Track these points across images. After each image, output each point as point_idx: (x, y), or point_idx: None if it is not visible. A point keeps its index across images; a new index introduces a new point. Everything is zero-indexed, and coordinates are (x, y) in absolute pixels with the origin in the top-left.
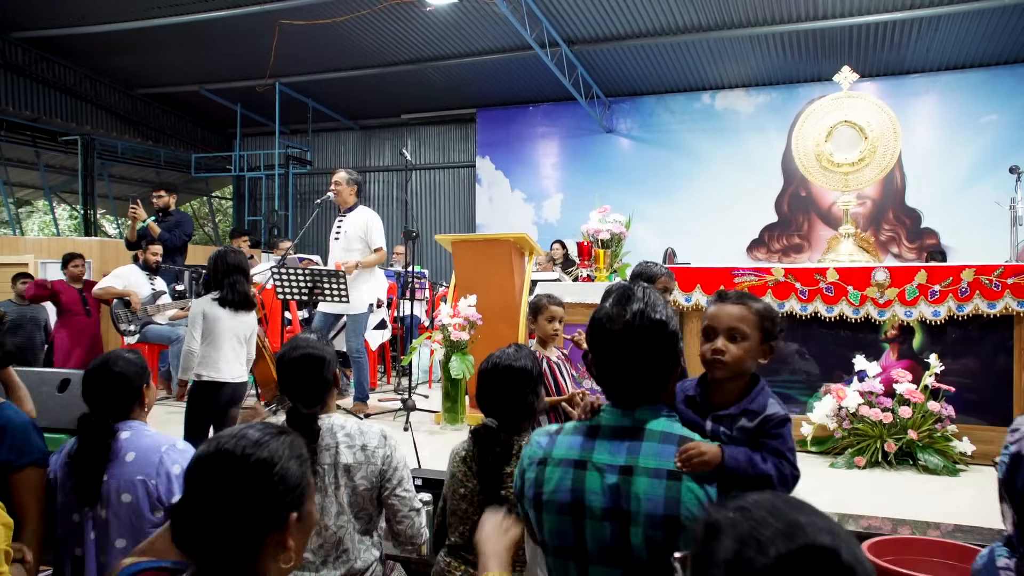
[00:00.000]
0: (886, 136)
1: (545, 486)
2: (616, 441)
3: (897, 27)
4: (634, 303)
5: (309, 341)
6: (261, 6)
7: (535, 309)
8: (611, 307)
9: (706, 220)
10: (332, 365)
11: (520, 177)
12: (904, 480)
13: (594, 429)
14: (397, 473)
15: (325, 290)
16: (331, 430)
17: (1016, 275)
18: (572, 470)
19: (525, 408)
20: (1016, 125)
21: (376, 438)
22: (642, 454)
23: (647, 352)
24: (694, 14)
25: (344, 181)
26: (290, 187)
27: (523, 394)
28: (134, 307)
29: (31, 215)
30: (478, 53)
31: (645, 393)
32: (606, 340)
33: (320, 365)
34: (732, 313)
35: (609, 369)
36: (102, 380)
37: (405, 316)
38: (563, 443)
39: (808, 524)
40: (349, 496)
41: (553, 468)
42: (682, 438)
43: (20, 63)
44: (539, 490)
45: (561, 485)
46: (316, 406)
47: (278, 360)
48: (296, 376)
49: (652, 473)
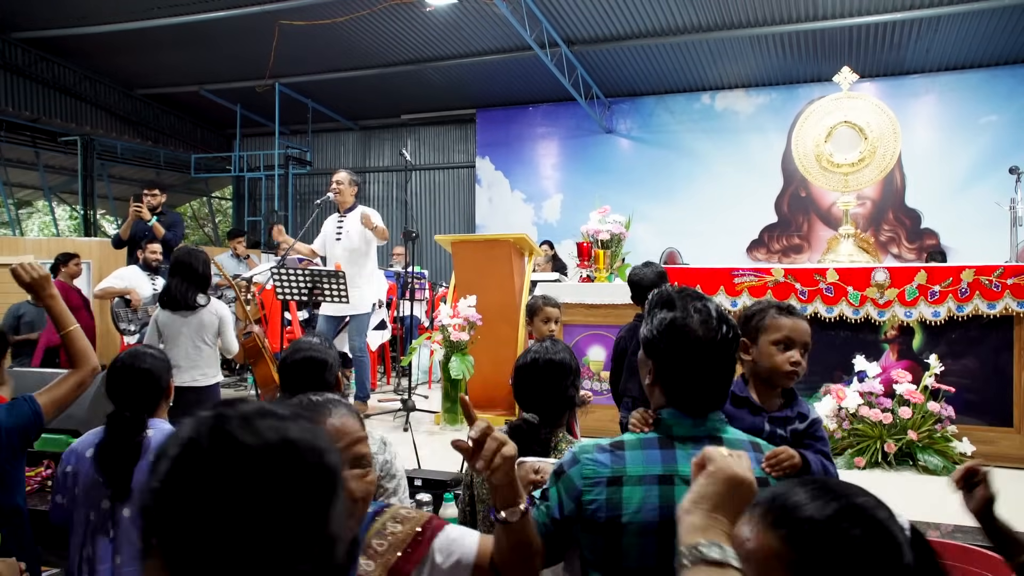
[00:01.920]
0: (886, 137)
1: (624, 508)
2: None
3: (897, 27)
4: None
5: (312, 344)
6: (261, 6)
7: (531, 311)
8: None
9: (706, 220)
10: (334, 368)
11: (520, 177)
12: (904, 480)
13: (667, 441)
14: (394, 480)
15: (325, 291)
16: None
17: (1016, 276)
18: (657, 487)
19: (565, 401)
20: (1016, 125)
21: (375, 444)
22: None
23: (728, 361)
24: (694, 14)
25: (346, 182)
26: (290, 187)
27: (564, 387)
28: (135, 305)
29: (31, 216)
30: (478, 53)
31: (718, 399)
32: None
33: (322, 368)
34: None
35: (690, 378)
36: (129, 377)
37: (405, 316)
38: (637, 459)
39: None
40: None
41: (633, 488)
42: (755, 443)
43: (20, 63)
44: (615, 513)
45: (646, 504)
46: None
47: (280, 363)
48: (298, 379)
49: None
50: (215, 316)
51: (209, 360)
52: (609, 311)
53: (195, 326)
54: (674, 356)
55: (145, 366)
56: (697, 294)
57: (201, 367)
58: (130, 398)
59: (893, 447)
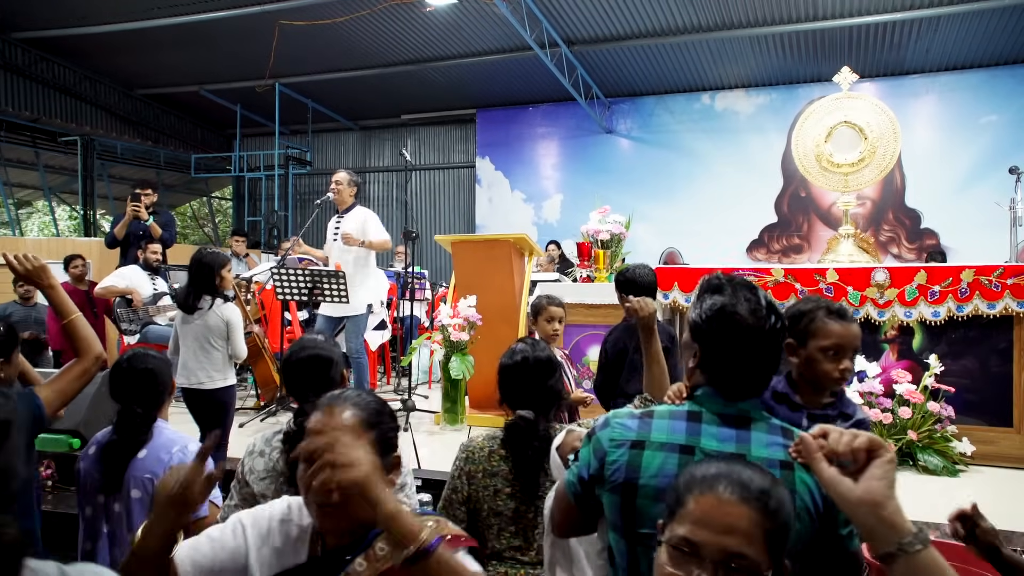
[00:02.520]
0: (886, 137)
1: (642, 471)
2: (724, 428)
3: (897, 27)
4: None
5: (316, 342)
6: (261, 6)
7: (535, 310)
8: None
9: (706, 220)
10: (339, 366)
11: (520, 177)
12: (904, 481)
13: (696, 414)
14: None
15: (325, 291)
16: None
17: (1016, 276)
18: (678, 455)
19: (554, 395)
20: (1016, 125)
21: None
22: (753, 443)
23: (774, 351)
24: (694, 14)
25: (346, 182)
26: (290, 187)
27: (552, 382)
28: (136, 305)
29: (31, 216)
30: (478, 53)
31: (755, 386)
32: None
33: (327, 366)
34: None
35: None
36: (132, 377)
37: (405, 316)
38: (662, 427)
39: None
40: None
41: (654, 452)
42: (785, 429)
43: (20, 63)
44: (633, 475)
45: (664, 470)
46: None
47: (284, 361)
48: (303, 377)
49: (765, 463)
50: (221, 320)
51: (217, 363)
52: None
53: (201, 329)
54: (720, 341)
55: (149, 367)
56: (747, 283)
57: (208, 370)
58: (133, 398)
59: (893, 447)
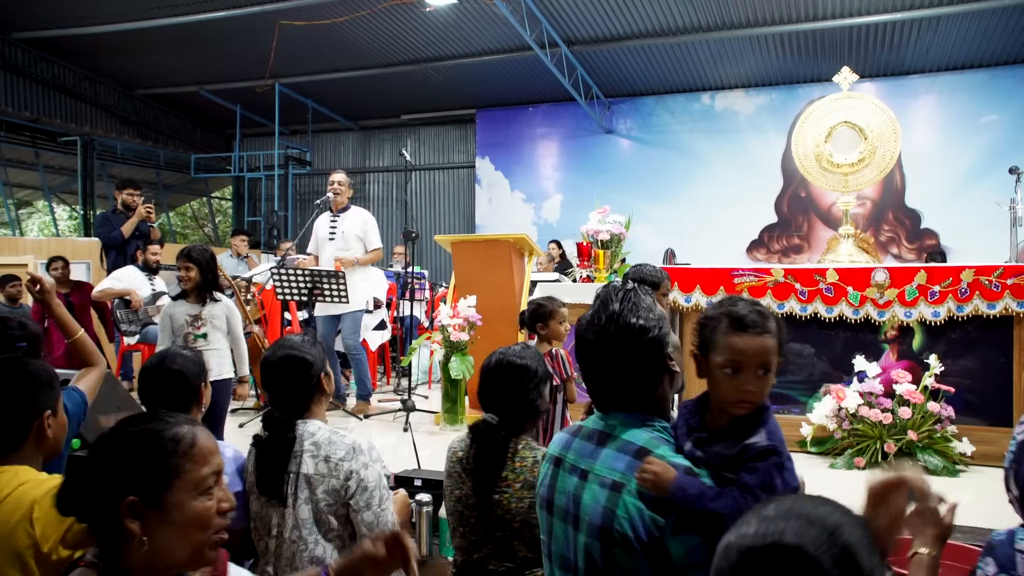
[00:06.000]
0: (886, 137)
1: (539, 481)
2: (586, 443)
3: (897, 27)
4: (611, 307)
5: (294, 342)
6: (261, 6)
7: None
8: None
9: (706, 221)
10: (317, 369)
11: (520, 178)
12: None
13: (578, 429)
14: (366, 493)
15: (325, 291)
16: (301, 437)
17: (1016, 276)
18: (551, 467)
19: (526, 406)
20: (1016, 125)
21: (343, 450)
22: (599, 460)
23: (622, 358)
24: (694, 14)
25: (346, 183)
26: (290, 188)
27: (524, 392)
28: (135, 306)
29: (31, 216)
30: (478, 54)
31: (622, 400)
32: (582, 345)
33: (302, 368)
34: (764, 346)
35: (586, 373)
36: (160, 378)
37: (405, 317)
38: (556, 440)
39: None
40: (312, 510)
41: (545, 464)
42: (641, 449)
43: (20, 63)
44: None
45: (544, 480)
46: (292, 412)
47: (262, 360)
48: (276, 379)
49: (600, 481)
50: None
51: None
52: None
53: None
54: (576, 352)
55: (176, 367)
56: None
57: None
58: (160, 400)
59: (893, 447)
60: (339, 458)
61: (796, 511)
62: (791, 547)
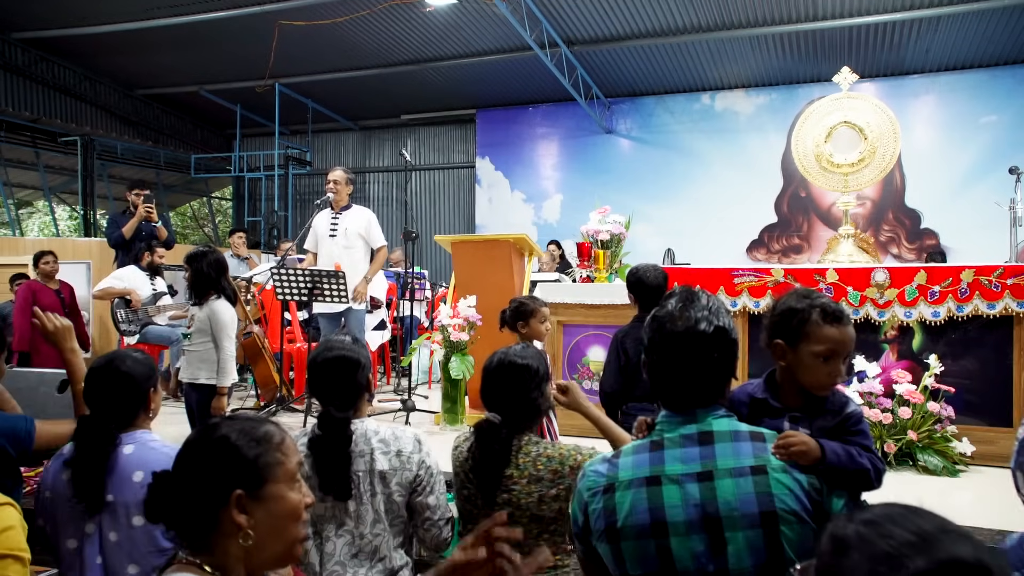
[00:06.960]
0: (886, 137)
1: (618, 513)
2: (686, 448)
3: (897, 28)
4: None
5: (344, 343)
6: (261, 6)
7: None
8: (675, 308)
9: (706, 221)
10: (367, 369)
11: (520, 178)
12: (904, 481)
13: (657, 443)
14: (431, 479)
15: (325, 291)
16: (365, 436)
17: (1016, 276)
18: (645, 488)
19: (528, 405)
20: (1016, 125)
21: (411, 443)
22: (718, 456)
23: (709, 356)
24: (694, 14)
25: (342, 180)
26: (290, 188)
27: (526, 391)
28: (134, 305)
29: (31, 216)
30: (478, 54)
31: (702, 395)
32: (668, 341)
33: (355, 368)
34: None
35: (668, 371)
36: (107, 380)
37: (405, 317)
38: (627, 464)
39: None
40: (385, 503)
41: (623, 492)
42: (753, 433)
43: (20, 63)
44: (611, 519)
45: (636, 507)
46: (349, 410)
47: (309, 361)
48: (329, 379)
49: (734, 473)
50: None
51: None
52: (609, 311)
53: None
54: (651, 348)
55: (124, 369)
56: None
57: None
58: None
59: (893, 447)
60: (409, 451)
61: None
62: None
